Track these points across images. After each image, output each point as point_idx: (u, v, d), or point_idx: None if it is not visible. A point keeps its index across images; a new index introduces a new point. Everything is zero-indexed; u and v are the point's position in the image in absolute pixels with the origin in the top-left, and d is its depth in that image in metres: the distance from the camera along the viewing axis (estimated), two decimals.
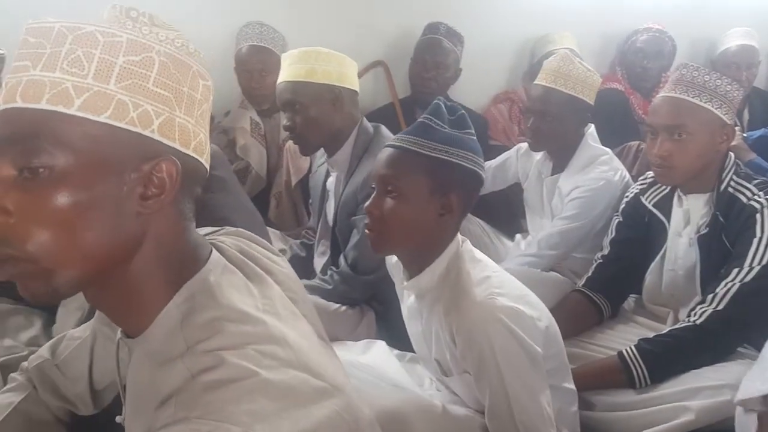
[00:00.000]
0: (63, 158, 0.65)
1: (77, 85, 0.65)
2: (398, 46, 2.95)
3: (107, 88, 0.66)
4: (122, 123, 0.67)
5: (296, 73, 1.81)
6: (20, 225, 0.65)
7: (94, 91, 0.66)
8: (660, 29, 3.04)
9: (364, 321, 1.79)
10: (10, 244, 0.65)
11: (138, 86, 0.68)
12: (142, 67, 0.69)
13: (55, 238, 0.65)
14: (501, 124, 3.06)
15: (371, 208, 1.28)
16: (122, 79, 0.67)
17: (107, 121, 0.66)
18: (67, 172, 0.65)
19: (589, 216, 2.05)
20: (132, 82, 0.68)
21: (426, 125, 1.28)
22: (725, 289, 1.58)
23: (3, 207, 0.65)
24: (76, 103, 0.65)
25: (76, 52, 0.66)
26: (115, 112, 0.67)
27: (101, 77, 0.66)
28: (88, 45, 0.67)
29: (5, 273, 0.67)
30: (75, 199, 0.65)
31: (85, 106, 0.65)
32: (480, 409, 1.32)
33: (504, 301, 1.21)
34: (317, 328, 0.86)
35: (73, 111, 0.65)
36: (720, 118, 1.67)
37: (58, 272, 0.67)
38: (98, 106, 0.66)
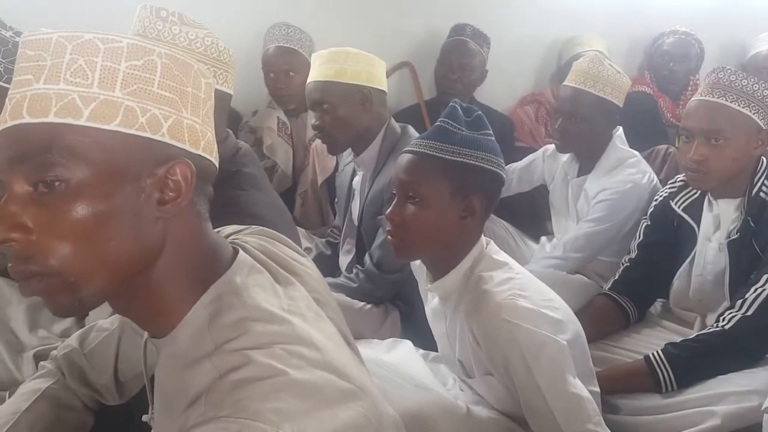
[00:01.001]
0: (77, 170, 0.65)
1: (83, 95, 0.65)
2: (424, 48, 2.95)
3: (113, 95, 0.66)
4: (132, 129, 0.67)
5: (326, 73, 1.82)
6: (41, 240, 0.65)
7: (101, 99, 0.66)
8: (686, 32, 3.00)
9: (388, 320, 1.79)
10: (34, 260, 0.65)
11: (143, 91, 0.68)
12: (146, 71, 0.69)
13: (77, 250, 0.65)
14: (527, 125, 3.05)
15: (392, 216, 1.28)
16: (127, 85, 0.67)
17: (117, 128, 0.66)
18: (82, 184, 0.65)
19: (616, 219, 2.04)
20: (137, 87, 0.68)
21: (443, 128, 1.28)
22: (755, 295, 1.56)
23: (22, 224, 0.65)
24: (84, 113, 0.65)
25: (77, 62, 0.66)
26: (124, 119, 0.66)
27: (106, 85, 0.66)
28: (88, 53, 0.66)
29: (31, 289, 0.67)
30: (93, 210, 0.65)
31: (94, 116, 0.65)
32: (504, 411, 1.33)
33: (525, 303, 1.21)
34: (343, 330, 0.86)
35: (83, 122, 0.65)
36: (757, 122, 1.65)
37: (82, 284, 0.67)
38: (107, 114, 0.66)
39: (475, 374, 1.33)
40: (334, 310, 0.88)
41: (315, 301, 0.84)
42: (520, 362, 1.18)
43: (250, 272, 0.77)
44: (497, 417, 1.29)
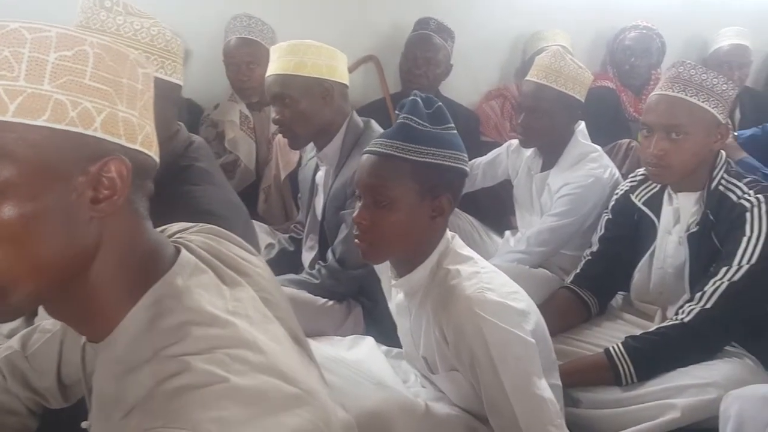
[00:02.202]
0: (3, 169, 0.61)
1: (9, 88, 0.61)
2: (390, 41, 2.93)
3: (42, 88, 0.62)
4: (62, 125, 0.63)
5: (285, 66, 1.79)
6: None
7: (28, 93, 0.61)
8: (648, 26, 3.04)
9: (351, 316, 1.77)
10: None
11: (74, 83, 0.64)
12: (77, 62, 0.65)
13: (5, 254, 0.62)
14: (493, 120, 3.05)
15: (360, 219, 1.25)
16: (56, 77, 0.63)
17: (46, 124, 0.62)
18: (8, 183, 0.61)
19: (579, 213, 2.05)
20: (67, 80, 0.63)
21: (407, 126, 1.24)
22: (714, 288, 1.58)
23: None
24: (10, 108, 0.61)
25: (2, 53, 0.61)
26: (54, 113, 0.62)
27: (34, 77, 0.62)
28: (14, 44, 0.62)
29: None
30: (20, 211, 0.61)
31: (21, 111, 0.61)
32: (465, 408, 1.32)
33: (493, 296, 1.21)
34: (293, 331, 0.84)
35: (9, 117, 0.61)
36: (716, 117, 1.66)
37: (12, 290, 0.63)
38: (34, 108, 0.61)
39: (440, 370, 1.32)
40: (284, 310, 0.85)
41: (264, 301, 0.81)
42: (487, 359, 1.17)
43: (192, 273, 0.74)
44: (457, 414, 1.28)
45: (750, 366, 1.55)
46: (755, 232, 1.58)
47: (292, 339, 0.83)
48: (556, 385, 1.40)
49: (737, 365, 1.53)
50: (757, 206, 1.60)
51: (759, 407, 1.28)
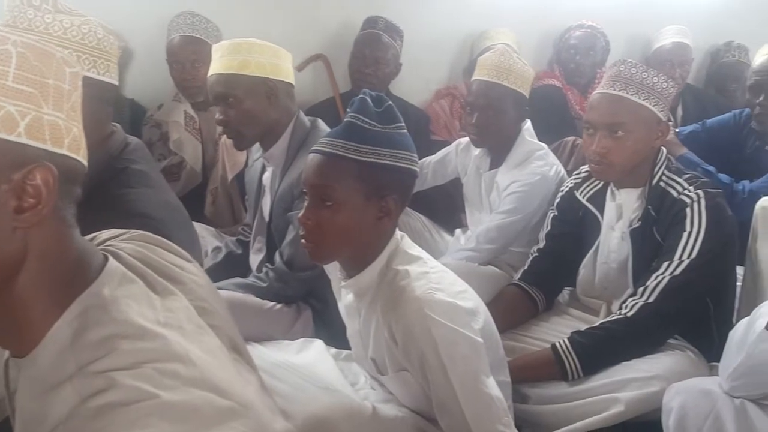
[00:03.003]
0: None
1: None
2: (339, 40, 2.91)
3: None
4: None
5: (228, 65, 1.75)
6: None
7: None
8: (592, 25, 3.09)
9: (300, 319, 1.75)
10: None
11: None
12: None
13: None
14: (443, 119, 3.06)
15: (305, 219, 1.23)
16: None
17: None
18: None
19: (526, 210, 2.08)
20: None
21: (354, 125, 1.23)
22: (655, 282, 1.62)
23: None
24: None
25: None
26: None
27: None
28: None
29: None
30: None
31: None
32: (415, 408, 1.32)
33: (442, 296, 1.20)
34: (232, 340, 0.82)
35: None
36: (656, 114, 1.70)
37: None
38: None
39: (389, 371, 1.32)
40: (222, 318, 0.83)
41: (199, 310, 0.78)
42: (436, 360, 1.17)
43: (121, 283, 0.71)
44: (406, 415, 1.28)
45: (691, 359, 1.59)
46: (695, 227, 1.62)
47: (230, 348, 0.81)
48: (505, 381, 1.42)
49: (679, 358, 1.57)
50: (696, 202, 1.64)
51: (700, 400, 1.31)
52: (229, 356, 0.78)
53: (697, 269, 1.59)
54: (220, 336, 0.79)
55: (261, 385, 0.82)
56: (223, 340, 0.79)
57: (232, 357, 0.80)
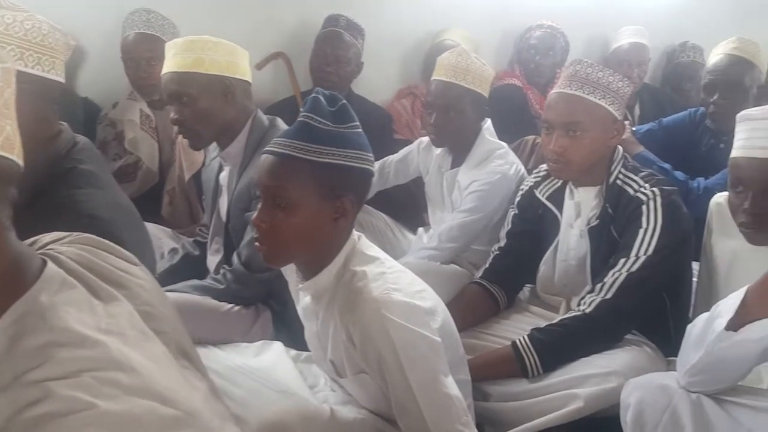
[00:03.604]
0: None
1: None
2: (299, 38, 2.88)
3: None
4: None
5: (182, 63, 1.71)
6: None
7: None
8: (552, 25, 3.13)
9: (259, 321, 1.72)
10: None
11: None
12: None
13: None
14: (405, 118, 3.06)
15: (259, 221, 1.21)
16: None
17: None
18: None
19: (487, 209, 2.08)
20: None
21: (307, 125, 1.20)
22: (613, 279, 1.63)
23: None
24: None
25: None
26: None
27: None
28: None
29: None
30: None
31: None
32: (374, 410, 1.31)
33: (399, 296, 1.20)
34: (180, 345, 0.79)
35: None
36: (612, 113, 1.72)
37: None
38: None
39: (347, 373, 1.30)
40: (169, 324, 0.80)
41: (144, 315, 0.76)
42: (393, 361, 1.16)
43: (60, 288, 0.68)
44: (365, 417, 1.27)
45: (649, 354, 1.61)
46: (651, 224, 1.64)
47: (178, 354, 0.78)
48: (465, 380, 1.41)
49: (636, 353, 1.59)
50: (652, 199, 1.66)
51: (657, 395, 1.32)
52: (175, 363, 0.75)
53: (653, 265, 1.62)
54: (166, 342, 0.76)
55: (211, 392, 0.79)
56: (170, 346, 0.76)
57: (180, 363, 0.77)
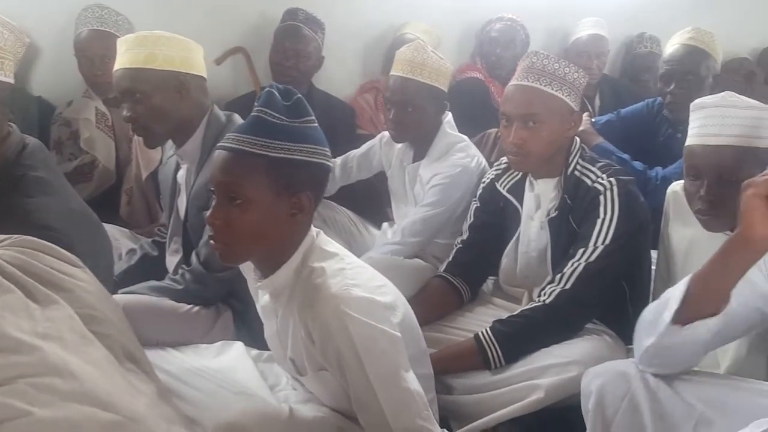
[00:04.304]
0: None
1: None
2: (259, 32, 2.84)
3: None
4: None
5: (134, 59, 1.67)
6: None
7: None
8: (512, 18, 3.14)
9: (220, 321, 1.69)
10: None
11: None
12: None
13: None
14: (368, 113, 3.05)
15: (213, 219, 1.19)
16: None
17: None
18: None
19: (449, 202, 2.09)
20: None
21: (261, 120, 1.19)
22: (572, 269, 1.65)
23: None
24: None
25: None
26: None
27: None
28: None
29: None
30: None
31: None
32: (336, 407, 1.30)
33: (359, 292, 1.19)
34: (125, 348, 0.77)
35: None
36: (569, 105, 1.73)
37: None
38: None
39: (308, 371, 1.29)
40: (114, 326, 0.78)
41: (87, 318, 0.74)
42: (353, 357, 1.15)
43: None
44: (325, 416, 1.26)
45: (609, 342, 1.63)
46: (608, 213, 1.66)
47: (124, 357, 0.76)
48: (427, 374, 1.41)
49: (596, 342, 1.61)
50: (609, 189, 1.68)
51: (616, 382, 1.33)
52: (118, 367, 0.74)
53: (611, 254, 1.64)
54: (110, 345, 0.74)
55: (159, 395, 0.77)
56: (113, 350, 0.75)
57: (125, 367, 0.75)
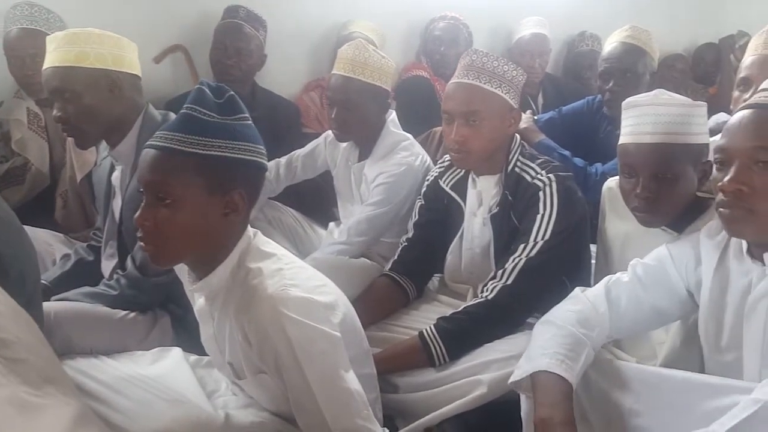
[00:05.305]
0: None
1: None
2: (199, 30, 2.77)
3: None
4: None
5: (64, 57, 1.62)
6: None
7: None
8: (455, 17, 3.16)
9: (157, 327, 1.64)
10: None
11: None
12: None
13: None
14: (313, 111, 3.02)
15: (142, 220, 1.15)
16: None
17: None
18: None
19: (394, 201, 2.08)
20: None
21: (191, 117, 1.15)
22: (513, 264, 1.67)
23: None
24: None
25: None
26: None
27: None
28: None
29: None
30: None
31: None
32: (276, 411, 1.28)
33: (297, 292, 1.17)
34: (42, 371, 0.73)
35: None
36: (508, 102, 1.75)
37: None
38: None
39: (246, 375, 1.27)
40: (28, 348, 0.74)
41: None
42: (291, 358, 1.13)
43: None
44: (263, 420, 1.24)
45: None
46: (548, 209, 1.69)
47: (42, 382, 0.72)
48: (369, 374, 1.41)
49: None
50: (548, 185, 1.70)
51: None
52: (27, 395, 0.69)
53: (550, 249, 1.66)
54: (25, 371, 0.70)
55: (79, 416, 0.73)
56: (28, 376, 0.70)
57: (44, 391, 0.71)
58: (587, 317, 1.33)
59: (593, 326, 1.31)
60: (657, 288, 1.36)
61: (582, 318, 1.32)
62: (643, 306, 1.36)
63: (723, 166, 1.16)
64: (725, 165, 1.16)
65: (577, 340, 1.27)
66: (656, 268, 1.37)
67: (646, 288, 1.36)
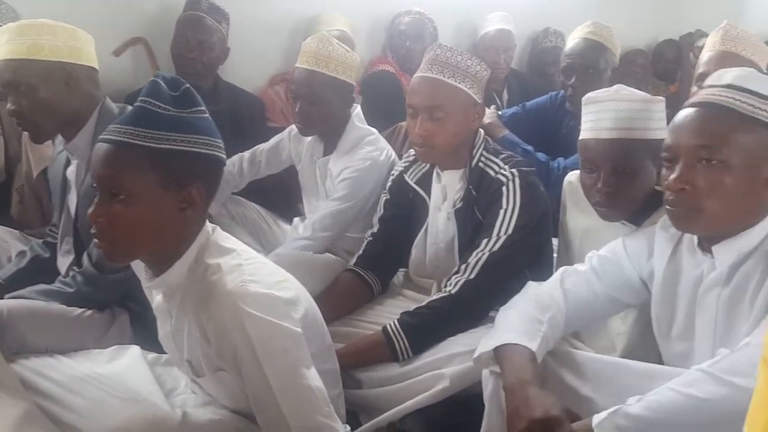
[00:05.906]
0: None
1: None
2: (160, 22, 2.73)
3: None
4: None
5: (17, 49, 1.57)
6: None
7: None
8: (420, 11, 3.17)
9: (115, 325, 1.61)
10: None
11: None
12: None
13: None
14: (278, 105, 2.99)
15: (95, 216, 1.12)
16: None
17: None
18: None
19: (358, 196, 2.07)
20: None
21: (144, 110, 1.13)
22: (476, 259, 1.68)
23: None
24: None
25: None
26: None
27: None
28: None
29: None
30: None
31: None
32: (236, 408, 1.27)
33: (256, 287, 1.16)
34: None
35: None
36: (472, 97, 1.76)
37: None
38: None
39: (205, 372, 1.25)
40: None
41: None
42: (250, 355, 1.12)
43: None
44: (222, 418, 1.22)
45: None
46: (510, 204, 1.70)
47: None
48: (332, 369, 1.40)
49: None
50: (511, 180, 1.72)
51: None
52: None
53: (513, 244, 1.67)
54: None
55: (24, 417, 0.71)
56: None
57: None
58: (544, 302, 1.36)
59: (550, 308, 1.35)
60: (611, 277, 1.40)
61: (539, 302, 1.36)
62: (598, 293, 1.41)
63: (670, 164, 1.19)
64: (672, 163, 1.18)
65: (537, 320, 1.30)
66: (610, 259, 1.41)
67: (600, 277, 1.40)
